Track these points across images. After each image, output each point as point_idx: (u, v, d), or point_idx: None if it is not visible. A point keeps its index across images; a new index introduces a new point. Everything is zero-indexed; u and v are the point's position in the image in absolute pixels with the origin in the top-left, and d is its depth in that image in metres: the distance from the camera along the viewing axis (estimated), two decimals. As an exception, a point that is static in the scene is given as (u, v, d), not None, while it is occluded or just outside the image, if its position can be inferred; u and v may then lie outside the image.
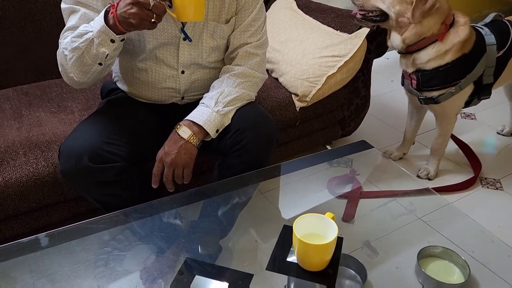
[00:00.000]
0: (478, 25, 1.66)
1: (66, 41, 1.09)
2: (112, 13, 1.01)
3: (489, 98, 1.70)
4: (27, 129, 1.37)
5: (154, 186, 1.15)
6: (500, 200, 1.75)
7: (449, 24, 1.53)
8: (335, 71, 1.63)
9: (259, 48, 1.28)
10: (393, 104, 2.45)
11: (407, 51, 1.59)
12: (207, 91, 1.25)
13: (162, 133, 1.21)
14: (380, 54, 1.83)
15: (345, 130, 1.96)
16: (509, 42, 1.62)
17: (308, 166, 1.32)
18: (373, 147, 1.39)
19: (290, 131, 1.71)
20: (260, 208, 1.20)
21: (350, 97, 1.86)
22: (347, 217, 1.14)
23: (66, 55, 1.09)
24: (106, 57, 1.07)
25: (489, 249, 1.06)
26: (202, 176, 1.45)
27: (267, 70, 1.74)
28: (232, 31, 1.26)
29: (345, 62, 1.64)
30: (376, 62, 1.89)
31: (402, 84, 1.76)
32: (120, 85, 1.36)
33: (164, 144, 1.15)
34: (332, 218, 0.87)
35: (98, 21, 1.03)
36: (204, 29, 1.21)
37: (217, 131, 1.17)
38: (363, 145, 1.40)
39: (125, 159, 1.13)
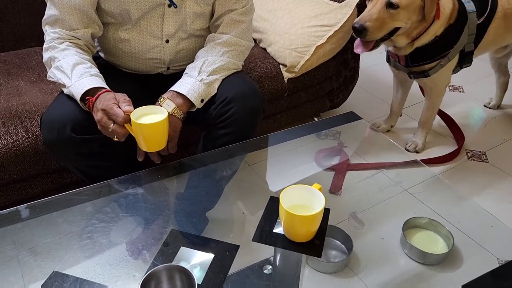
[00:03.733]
0: None
1: (51, 57, 1.11)
2: (88, 105, 1.05)
3: (470, 65, 1.70)
4: (5, 99, 1.32)
5: (140, 159, 1.14)
6: (485, 172, 1.77)
7: None
8: (324, 41, 1.60)
9: (244, 15, 1.24)
10: (382, 76, 2.43)
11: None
12: (193, 61, 1.21)
13: (147, 104, 1.18)
14: (370, 24, 1.79)
15: (334, 102, 1.94)
16: (488, 8, 1.59)
17: (296, 137, 1.31)
18: (361, 118, 1.38)
19: (278, 103, 1.69)
20: (247, 180, 1.19)
21: (339, 69, 1.83)
22: (334, 189, 1.14)
23: (48, 67, 1.13)
24: None
25: (473, 220, 1.07)
26: (189, 148, 1.43)
27: (254, 40, 1.71)
28: None
29: (334, 32, 1.61)
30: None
31: (388, 61, 1.74)
32: (102, 55, 1.31)
33: None
34: (319, 190, 0.86)
35: (75, 91, 1.05)
36: None
37: (202, 101, 1.15)
38: (351, 117, 1.39)
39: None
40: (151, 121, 0.99)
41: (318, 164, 1.23)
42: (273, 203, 0.96)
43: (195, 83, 1.13)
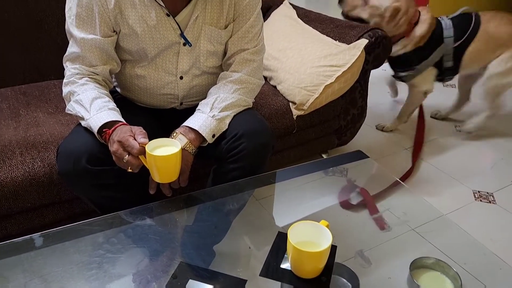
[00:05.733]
0: (445, 17, 2.02)
1: (71, 91, 1.16)
2: (104, 137, 1.09)
3: (451, 79, 2.13)
4: (24, 129, 1.37)
5: (151, 192, 1.16)
6: (493, 214, 1.77)
7: (415, 22, 1.95)
8: (333, 80, 1.65)
9: (256, 55, 1.29)
10: (389, 115, 2.46)
11: None
12: (205, 97, 1.26)
13: (161, 137, 1.21)
14: (377, 65, 1.85)
15: (341, 140, 1.97)
16: (466, 35, 1.98)
17: (304, 174, 1.32)
18: (368, 157, 1.40)
19: (287, 139, 1.72)
20: (255, 214, 1.20)
21: (347, 107, 1.87)
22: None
23: (67, 100, 1.18)
24: None
25: (481, 262, 1.07)
26: (198, 182, 1.45)
27: (265, 78, 1.76)
28: (230, 37, 1.27)
29: (343, 72, 1.65)
30: (374, 73, 1.91)
31: None
32: (119, 90, 1.36)
33: None
34: (327, 226, 0.87)
35: (93, 124, 1.10)
36: (202, 32, 1.22)
37: (213, 136, 1.18)
38: (359, 155, 1.41)
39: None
40: (165, 153, 1.02)
41: (344, 205, 1.24)
42: (281, 238, 0.97)
43: (207, 119, 1.17)
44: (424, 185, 1.91)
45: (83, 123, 1.13)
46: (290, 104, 1.68)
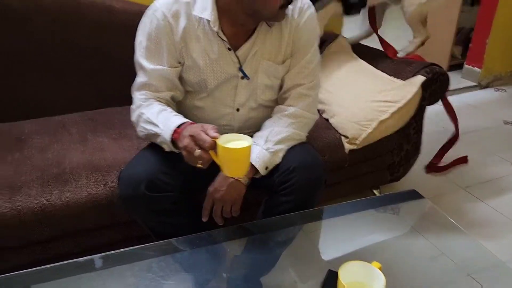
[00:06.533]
0: None
1: (139, 114, 1.22)
2: (174, 137, 1.12)
3: (358, 14, 2.00)
4: (90, 153, 1.46)
5: (204, 219, 1.19)
6: (559, 263, 1.64)
7: None
8: (387, 116, 1.63)
9: (311, 90, 1.31)
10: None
11: None
12: (260, 129, 1.29)
13: (214, 165, 1.26)
14: (433, 101, 1.81)
15: (394, 176, 1.93)
16: None
17: (355, 211, 1.31)
18: (424, 197, 1.36)
19: (338, 173, 1.71)
20: (303, 248, 1.20)
21: (400, 143, 1.84)
22: None
23: (137, 124, 1.24)
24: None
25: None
26: (249, 211, 1.47)
27: (318, 110, 1.77)
28: (287, 72, 1.30)
29: (398, 108, 1.64)
30: (429, 109, 1.87)
31: None
32: (178, 120, 1.43)
33: (215, 180, 1.20)
34: (379, 268, 0.86)
35: (166, 133, 1.14)
36: (260, 67, 1.26)
37: (266, 168, 1.20)
38: (414, 195, 1.37)
39: (179, 189, 1.18)
40: (236, 146, 1.02)
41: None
42: (331, 277, 0.97)
43: (261, 151, 1.20)
44: (481, 229, 1.81)
45: (158, 140, 1.18)
46: (343, 138, 1.68)
